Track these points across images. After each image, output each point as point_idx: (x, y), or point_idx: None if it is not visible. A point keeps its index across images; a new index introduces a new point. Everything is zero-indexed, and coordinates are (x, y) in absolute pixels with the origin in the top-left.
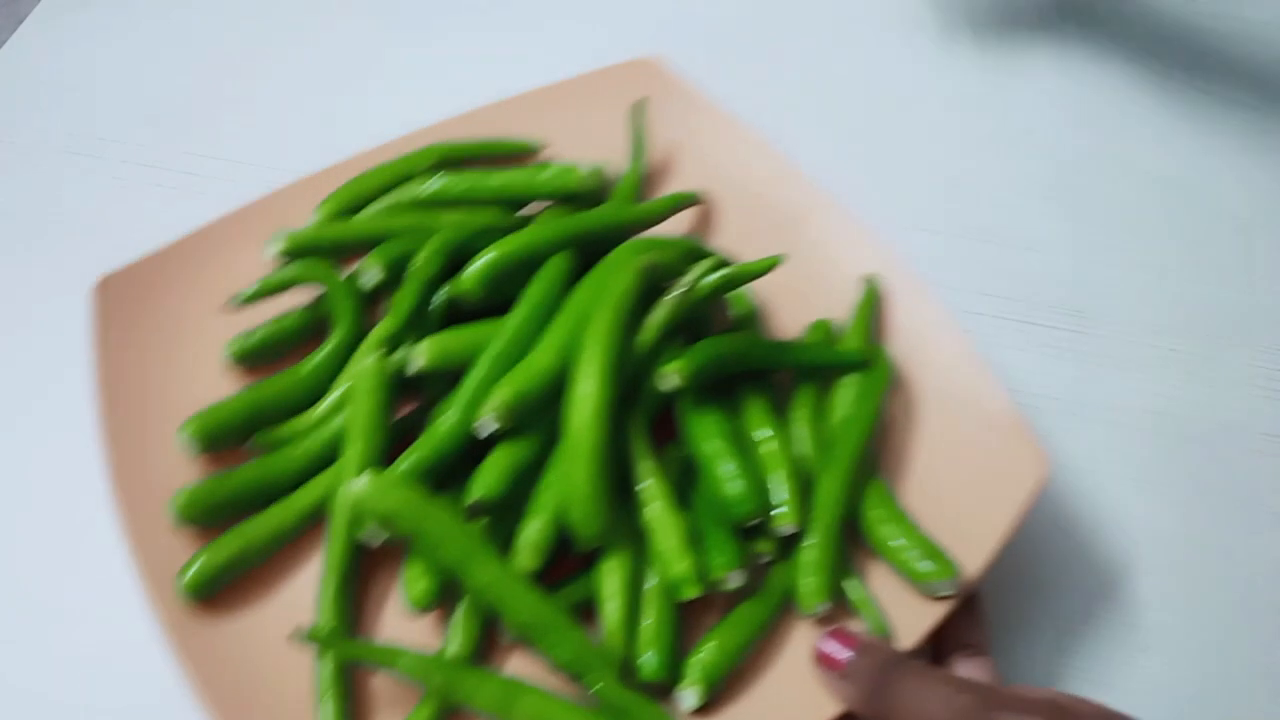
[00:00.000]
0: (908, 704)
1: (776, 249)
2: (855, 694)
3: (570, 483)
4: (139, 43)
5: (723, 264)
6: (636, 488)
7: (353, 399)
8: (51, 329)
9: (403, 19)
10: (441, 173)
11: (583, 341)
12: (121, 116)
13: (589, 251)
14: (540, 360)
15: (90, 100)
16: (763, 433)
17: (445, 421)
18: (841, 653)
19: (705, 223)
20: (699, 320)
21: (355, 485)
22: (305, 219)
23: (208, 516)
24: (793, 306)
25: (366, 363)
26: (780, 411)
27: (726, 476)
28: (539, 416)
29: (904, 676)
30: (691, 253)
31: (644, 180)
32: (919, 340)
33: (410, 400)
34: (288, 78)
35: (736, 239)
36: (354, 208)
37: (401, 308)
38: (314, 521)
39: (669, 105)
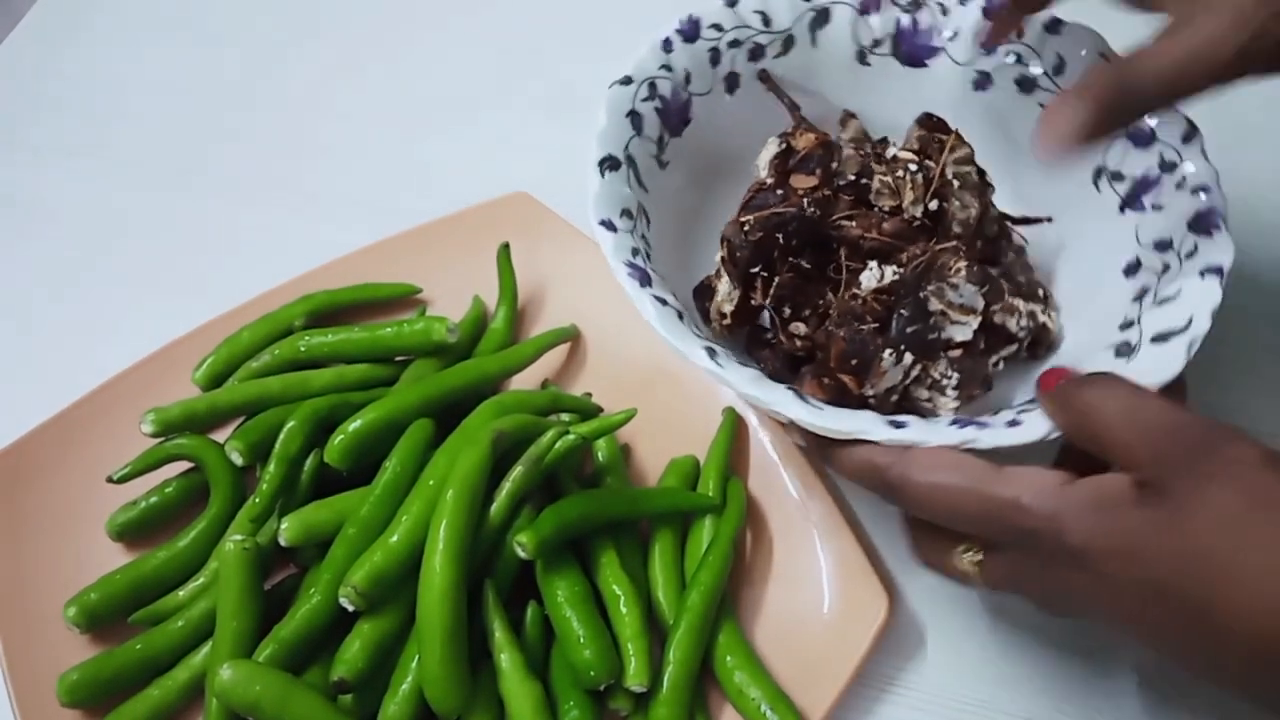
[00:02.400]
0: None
1: (641, 385)
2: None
3: (423, 663)
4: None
5: (584, 411)
6: (494, 655)
7: (220, 581)
8: None
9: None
10: (310, 332)
11: (433, 521)
12: (119, 116)
13: (454, 410)
14: (393, 540)
15: (87, 100)
16: (615, 589)
17: (307, 602)
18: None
19: (575, 357)
20: (557, 475)
21: (221, 674)
22: (184, 380)
23: (94, 697)
24: (657, 441)
25: (228, 547)
26: (640, 551)
27: (577, 643)
28: (397, 592)
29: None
30: (553, 403)
31: (518, 318)
32: (773, 473)
33: (286, 565)
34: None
35: (603, 375)
36: (230, 369)
37: (267, 487)
38: (195, 696)
39: (542, 238)
